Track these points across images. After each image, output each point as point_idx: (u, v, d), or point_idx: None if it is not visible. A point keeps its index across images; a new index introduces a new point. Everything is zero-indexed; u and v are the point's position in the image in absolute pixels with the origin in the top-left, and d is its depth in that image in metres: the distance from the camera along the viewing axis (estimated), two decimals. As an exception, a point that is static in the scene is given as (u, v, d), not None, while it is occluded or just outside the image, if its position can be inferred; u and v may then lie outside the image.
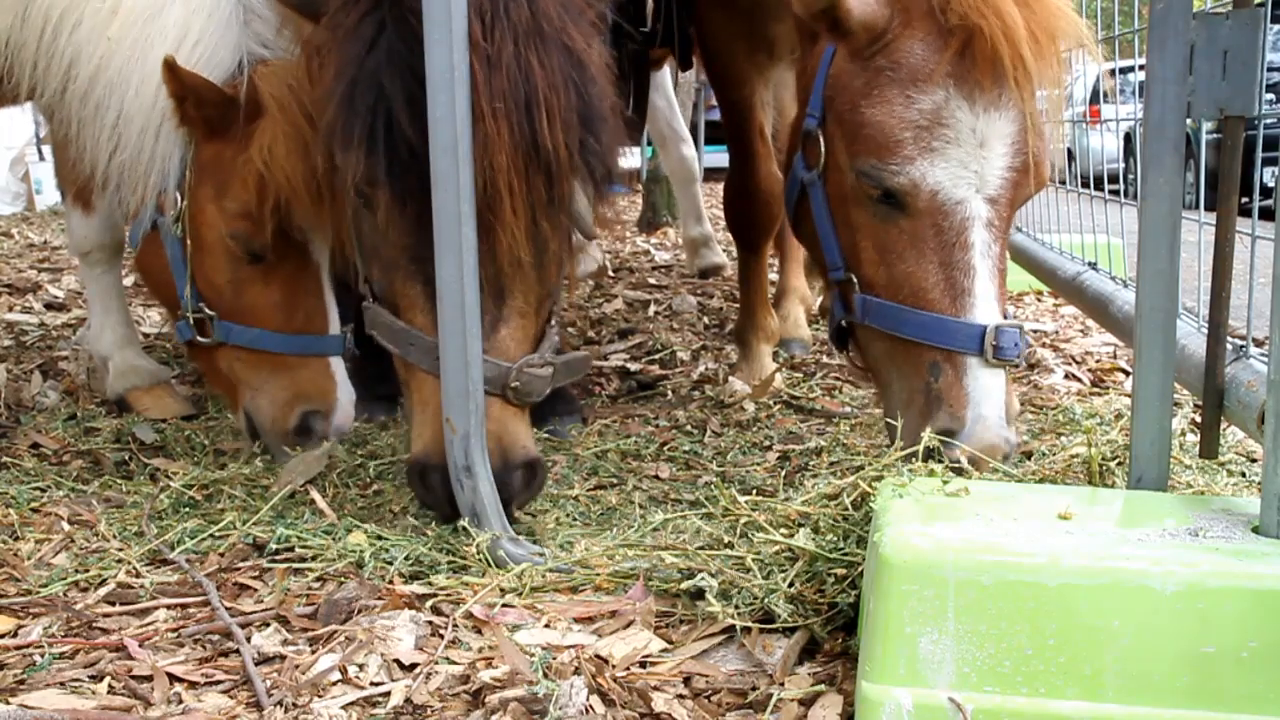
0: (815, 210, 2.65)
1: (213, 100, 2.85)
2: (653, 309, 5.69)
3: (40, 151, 11.60)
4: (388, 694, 1.93)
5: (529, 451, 2.57)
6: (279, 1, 2.78)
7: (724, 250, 7.17)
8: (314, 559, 2.49)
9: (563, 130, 2.42)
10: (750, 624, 2.07)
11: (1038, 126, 2.40)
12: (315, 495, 2.78)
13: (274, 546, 2.54)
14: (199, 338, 3.06)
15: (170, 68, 2.78)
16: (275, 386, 3.06)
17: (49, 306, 5.84)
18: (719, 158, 8.61)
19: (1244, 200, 2.26)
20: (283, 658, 2.07)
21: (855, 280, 2.56)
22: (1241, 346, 2.22)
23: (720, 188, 7.10)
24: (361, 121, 2.42)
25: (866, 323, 2.54)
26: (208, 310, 3.02)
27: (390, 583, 2.35)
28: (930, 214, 2.40)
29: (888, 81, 2.41)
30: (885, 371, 2.56)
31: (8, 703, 1.91)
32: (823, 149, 2.56)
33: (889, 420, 2.49)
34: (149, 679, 2.01)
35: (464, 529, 2.46)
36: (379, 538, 2.56)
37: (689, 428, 3.53)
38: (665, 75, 6.61)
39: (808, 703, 1.87)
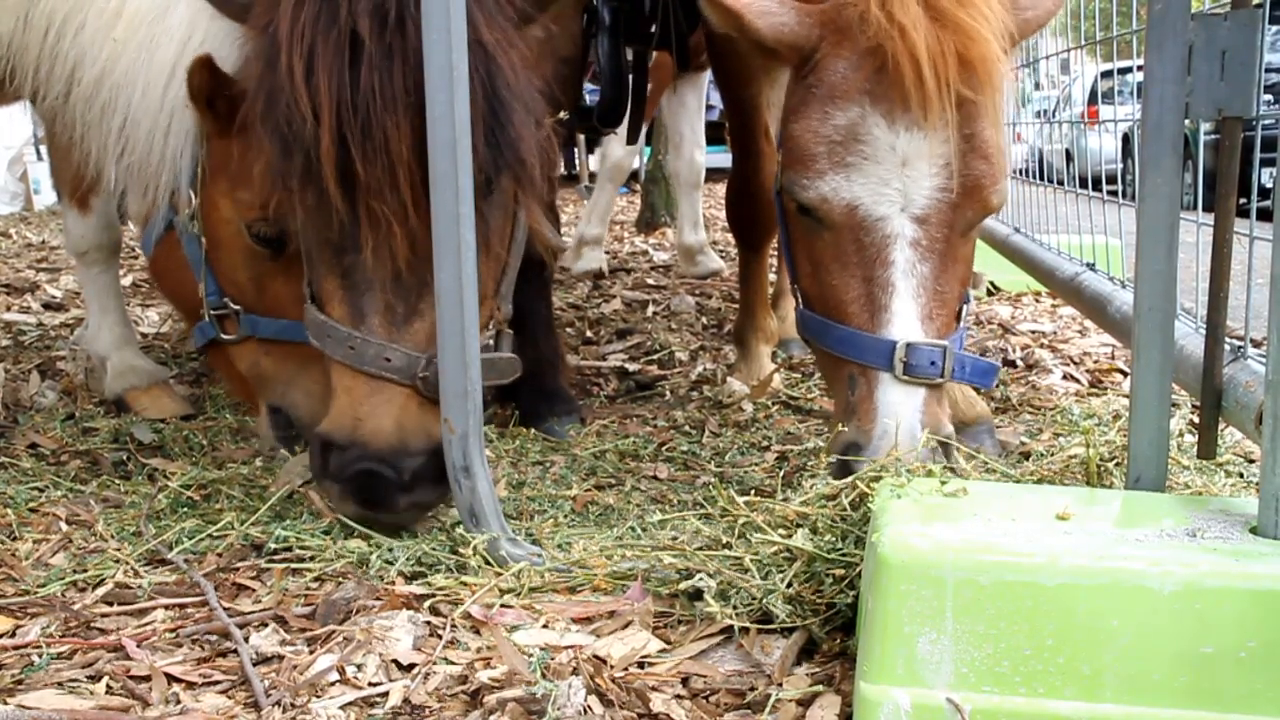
0: (779, 223, 2.74)
1: (235, 97, 2.85)
2: (651, 309, 5.69)
3: (39, 151, 11.60)
4: (386, 694, 1.93)
5: (434, 440, 2.56)
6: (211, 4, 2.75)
7: (721, 252, 7.19)
8: (312, 559, 2.49)
9: (476, 119, 2.44)
10: (748, 624, 2.07)
11: (981, 149, 2.40)
12: (314, 495, 2.78)
13: (272, 547, 2.54)
14: (223, 335, 3.04)
15: (207, 65, 2.77)
16: (308, 379, 3.03)
17: (47, 306, 5.84)
18: (716, 159, 8.61)
19: (1242, 201, 2.26)
20: (281, 658, 2.07)
21: (799, 293, 2.66)
22: (1239, 347, 2.22)
23: (720, 188, 7.08)
24: (276, 115, 2.45)
25: (806, 335, 2.64)
26: (232, 305, 3.01)
27: (389, 583, 2.35)
28: (851, 229, 2.44)
29: (812, 99, 2.46)
30: (826, 382, 2.60)
31: (5, 703, 1.91)
32: (779, 164, 2.61)
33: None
34: (147, 679, 2.01)
35: (463, 529, 2.46)
36: (371, 539, 2.56)
37: (687, 428, 3.53)
38: (705, 76, 6.63)
39: (806, 703, 1.87)
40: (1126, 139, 7.57)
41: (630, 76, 4.02)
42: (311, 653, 2.07)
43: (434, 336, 2.52)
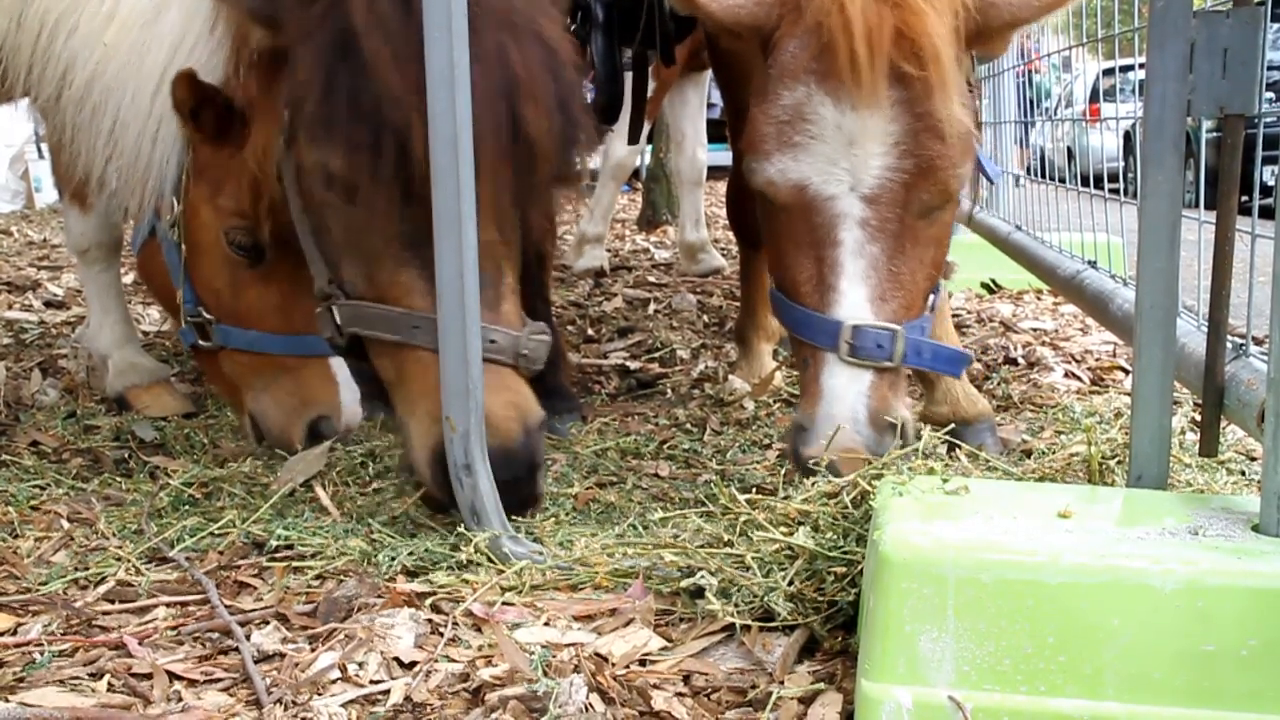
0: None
1: (221, 107, 2.85)
2: (652, 307, 5.69)
3: (40, 149, 11.58)
4: (387, 692, 1.93)
5: (540, 414, 2.61)
6: (230, 9, 2.68)
7: (722, 250, 7.18)
8: (313, 557, 2.49)
9: (545, 118, 2.47)
10: (750, 622, 2.07)
11: (935, 129, 2.35)
12: (319, 491, 2.78)
13: (274, 544, 2.54)
14: (200, 342, 3.06)
15: (190, 80, 2.76)
16: (278, 390, 3.05)
17: (48, 304, 5.84)
18: (718, 156, 8.61)
19: (1244, 199, 2.26)
20: (282, 656, 2.07)
21: (770, 275, 2.65)
22: (1241, 345, 2.22)
23: (721, 186, 7.06)
24: (343, 111, 2.42)
25: (776, 316, 2.63)
26: (206, 314, 3.02)
27: (390, 580, 2.35)
28: (802, 209, 2.41)
29: (767, 80, 2.44)
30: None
31: (7, 700, 1.91)
32: None
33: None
34: (148, 677, 2.01)
35: (464, 527, 2.46)
36: (373, 540, 2.56)
37: (689, 426, 3.53)
38: (707, 75, 6.63)
39: (807, 701, 1.87)
40: (1128, 137, 7.56)
41: (625, 75, 4.00)
42: (313, 650, 2.07)
43: (520, 316, 2.57)
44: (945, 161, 2.37)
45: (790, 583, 2.06)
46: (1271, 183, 9.30)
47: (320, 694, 1.92)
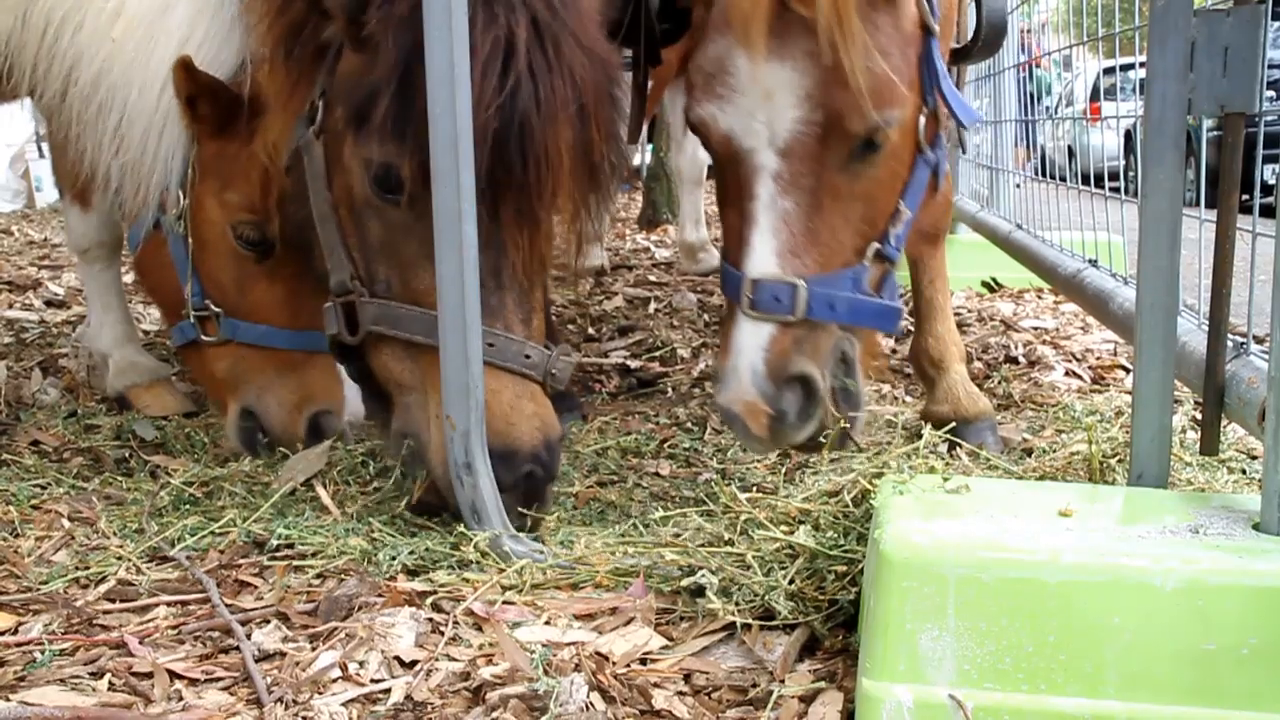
0: None
1: (224, 99, 2.85)
2: (653, 306, 5.69)
3: (40, 149, 11.60)
4: (388, 691, 1.93)
5: (560, 430, 2.64)
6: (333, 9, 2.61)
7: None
8: (314, 556, 2.49)
9: (607, 136, 2.54)
10: (750, 621, 2.07)
11: (843, 79, 2.25)
12: (320, 490, 2.78)
13: (274, 543, 2.54)
14: (203, 336, 3.05)
15: (187, 68, 2.77)
16: (282, 386, 3.05)
17: (49, 304, 5.85)
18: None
19: (1244, 197, 2.25)
20: (283, 654, 2.07)
21: None
22: (1242, 343, 2.22)
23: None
24: (416, 113, 2.41)
25: None
26: (214, 307, 3.02)
27: (391, 579, 2.35)
28: (730, 163, 2.41)
29: (705, 31, 2.42)
30: None
31: (8, 699, 1.91)
32: None
33: None
34: (149, 676, 2.01)
35: (464, 526, 2.47)
36: (373, 539, 2.56)
37: (689, 425, 3.53)
38: None
39: (808, 700, 1.87)
40: (1129, 135, 7.56)
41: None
42: (314, 649, 2.07)
43: (543, 335, 2.60)
44: (856, 112, 2.29)
45: (791, 581, 2.06)
46: (1272, 181, 9.29)
47: (321, 693, 1.92)
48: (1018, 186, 5.82)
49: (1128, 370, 4.00)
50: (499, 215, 2.49)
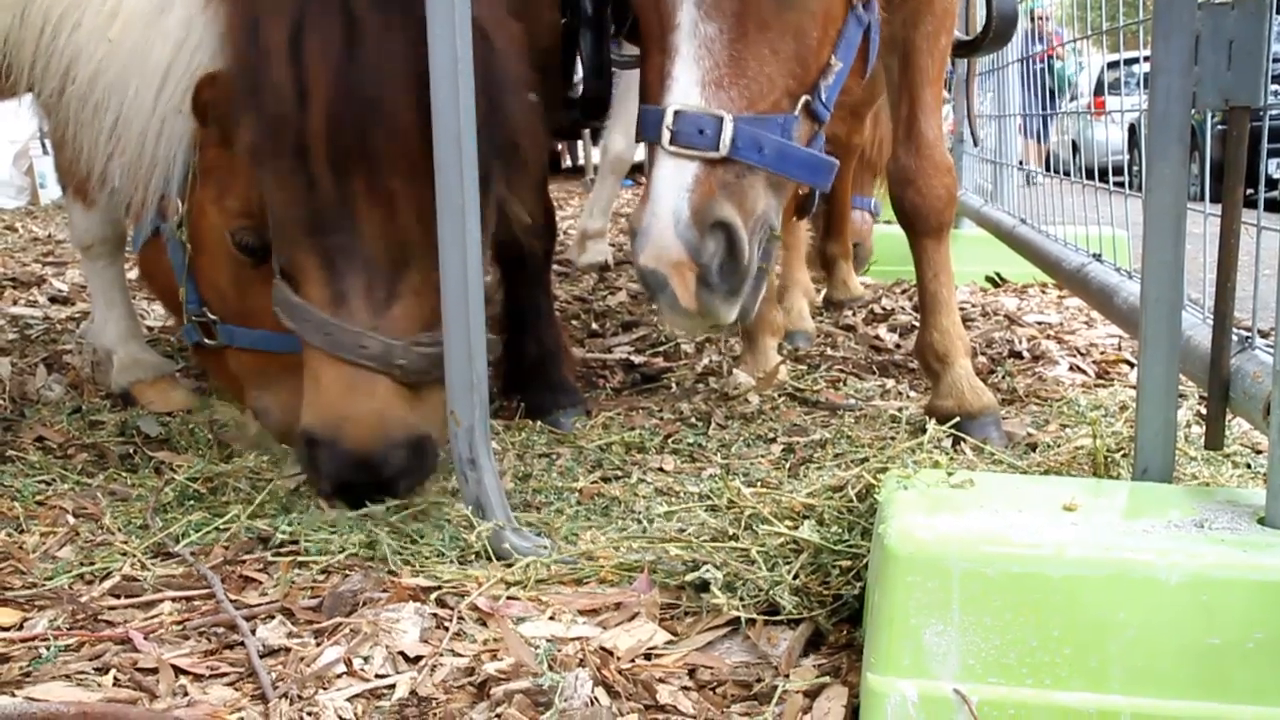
0: None
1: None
2: (656, 302, 5.68)
3: (44, 145, 11.57)
4: (393, 686, 1.93)
5: (413, 429, 2.55)
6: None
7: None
8: (319, 552, 2.49)
9: (482, 102, 2.40)
10: (755, 616, 2.07)
11: None
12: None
13: (279, 539, 2.54)
14: (205, 340, 3.06)
15: (216, 81, 2.76)
16: (281, 389, 3.05)
17: (53, 300, 5.85)
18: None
19: (1249, 191, 2.25)
20: (288, 650, 2.08)
21: None
22: (1247, 338, 2.22)
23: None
24: (259, 93, 2.41)
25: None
26: (210, 314, 3.02)
27: (395, 575, 2.35)
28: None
29: None
30: None
31: (13, 695, 1.92)
32: None
33: None
34: (154, 671, 2.01)
35: (469, 521, 2.47)
36: (377, 535, 2.56)
37: (693, 420, 3.53)
38: None
39: (812, 694, 1.88)
40: (1133, 130, 7.55)
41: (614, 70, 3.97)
42: (318, 645, 2.08)
43: (416, 320, 2.50)
44: None
45: (795, 576, 2.06)
46: (1277, 175, 9.28)
47: (325, 688, 1.92)
48: (1029, 183, 5.82)
49: (1132, 365, 3.99)
50: (346, 194, 2.44)
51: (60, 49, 2.92)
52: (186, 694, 1.94)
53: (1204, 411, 2.38)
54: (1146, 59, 2.18)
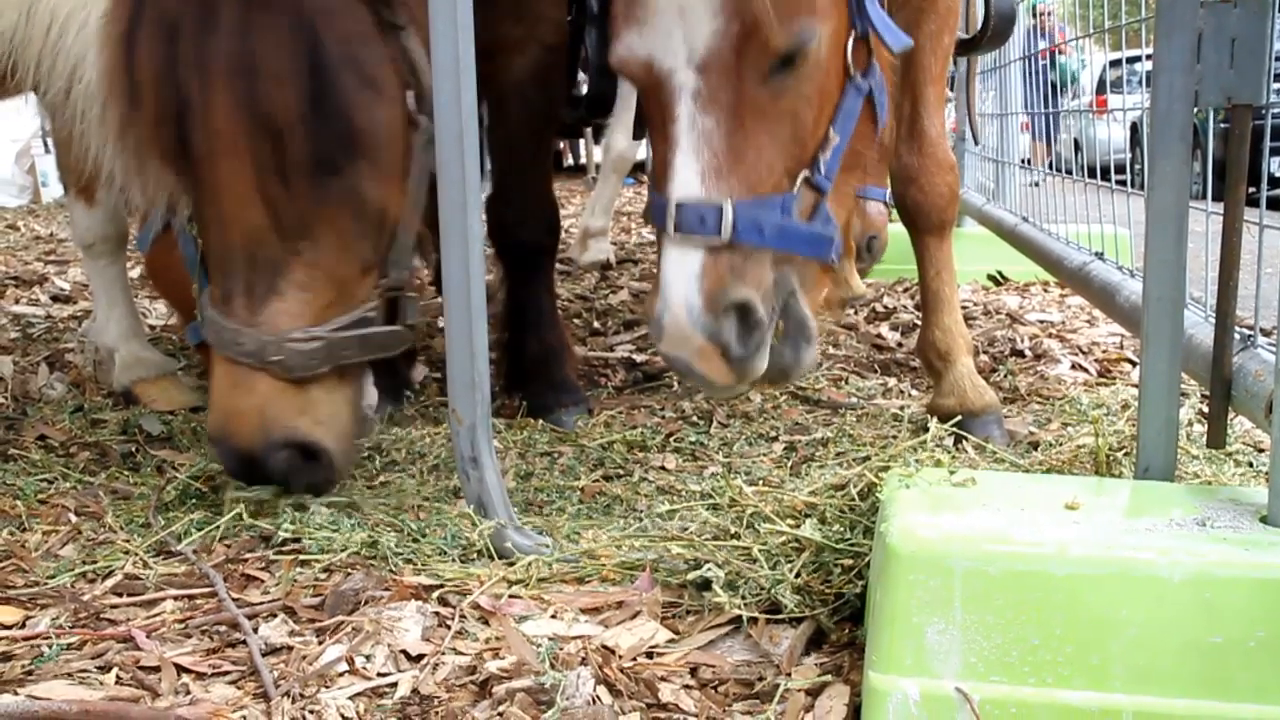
0: None
1: None
2: (658, 300, 5.67)
3: (46, 144, 11.60)
4: (395, 684, 1.93)
5: (296, 431, 2.55)
6: None
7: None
8: (320, 550, 2.49)
9: (288, 92, 2.40)
10: (757, 614, 2.07)
11: None
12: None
13: (280, 538, 2.54)
14: None
15: None
16: None
17: (55, 299, 5.86)
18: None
19: (1251, 190, 2.25)
20: (290, 648, 2.08)
21: None
22: (1249, 336, 2.21)
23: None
24: (113, 95, 2.46)
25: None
26: None
27: (397, 573, 2.35)
28: (653, 91, 2.31)
29: None
30: None
31: (16, 694, 1.92)
32: None
33: None
34: (156, 670, 2.01)
35: (471, 519, 2.47)
36: (379, 533, 2.56)
37: (695, 419, 3.53)
38: None
39: (814, 693, 1.88)
40: (1135, 128, 7.55)
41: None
42: (320, 643, 2.08)
43: (297, 316, 2.50)
44: (767, 19, 2.19)
45: (797, 575, 2.06)
46: (1279, 174, 9.27)
47: (327, 687, 1.92)
48: (1035, 185, 5.81)
49: (1134, 363, 3.99)
50: (202, 191, 2.46)
51: (67, 48, 2.92)
52: (189, 692, 1.94)
53: (1206, 410, 2.38)
54: (1148, 57, 2.18)
